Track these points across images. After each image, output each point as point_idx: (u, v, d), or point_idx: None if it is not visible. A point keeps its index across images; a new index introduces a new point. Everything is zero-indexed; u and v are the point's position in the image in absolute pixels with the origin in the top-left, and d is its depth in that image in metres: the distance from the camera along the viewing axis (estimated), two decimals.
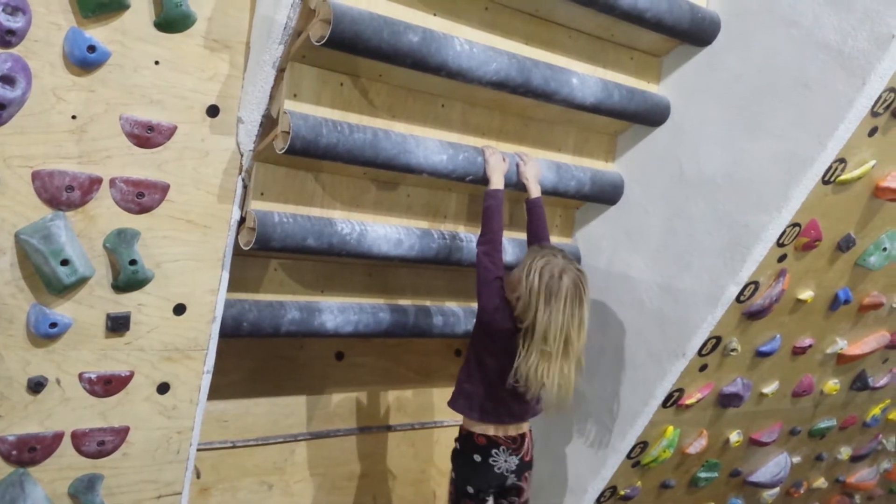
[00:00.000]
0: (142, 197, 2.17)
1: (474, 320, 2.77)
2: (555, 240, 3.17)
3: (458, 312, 3.02)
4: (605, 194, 3.08)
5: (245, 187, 2.37)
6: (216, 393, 2.58)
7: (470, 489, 2.64)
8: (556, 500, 3.31)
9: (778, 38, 2.67)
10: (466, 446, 2.64)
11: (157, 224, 2.22)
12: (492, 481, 2.64)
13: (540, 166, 2.84)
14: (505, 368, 2.49)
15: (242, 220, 2.39)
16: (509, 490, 2.67)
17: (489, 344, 2.57)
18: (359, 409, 3.20)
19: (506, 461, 2.61)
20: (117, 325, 2.22)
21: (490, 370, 2.57)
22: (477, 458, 2.62)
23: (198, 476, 2.80)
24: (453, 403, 2.67)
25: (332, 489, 3.17)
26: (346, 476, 3.20)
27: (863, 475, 4.31)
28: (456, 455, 2.70)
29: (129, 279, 2.19)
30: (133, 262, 2.18)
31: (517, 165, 2.79)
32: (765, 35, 2.71)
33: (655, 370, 2.99)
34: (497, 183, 2.65)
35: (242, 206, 2.38)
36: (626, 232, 3.09)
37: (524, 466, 2.65)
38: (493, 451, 2.60)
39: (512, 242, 2.94)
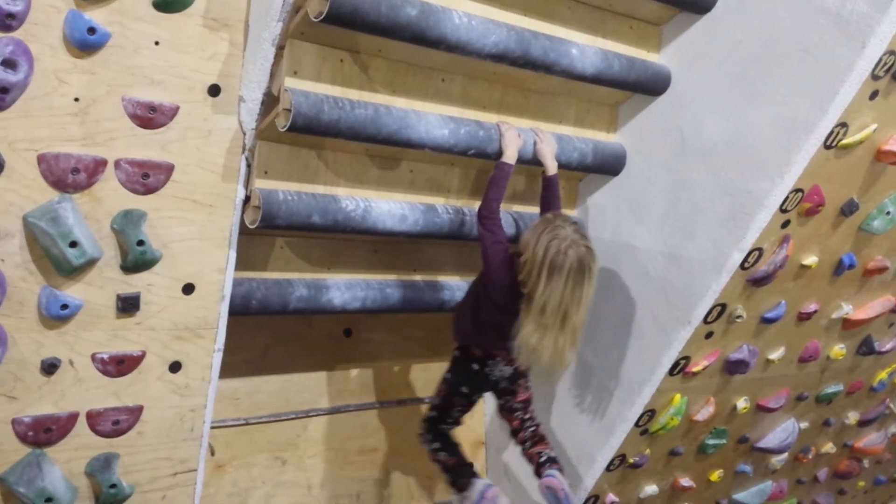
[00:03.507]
0: (147, 178, 2.19)
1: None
2: None
3: (464, 287, 3.03)
4: (608, 165, 3.09)
5: (249, 166, 2.38)
6: (228, 371, 2.61)
7: (464, 389, 2.86)
8: (566, 468, 3.33)
9: (777, 3, 2.66)
10: (465, 355, 2.84)
11: (163, 204, 2.24)
12: (485, 386, 2.87)
13: (555, 142, 2.86)
14: (498, 322, 2.60)
15: (247, 199, 2.41)
16: (502, 392, 2.87)
17: (490, 295, 2.67)
18: (369, 385, 3.23)
19: (500, 371, 2.81)
20: (127, 305, 2.25)
21: (485, 317, 2.71)
22: (475, 366, 2.82)
23: (212, 453, 2.84)
24: (454, 335, 2.87)
25: (345, 463, 3.21)
26: (358, 450, 3.23)
27: (871, 440, 4.33)
28: (455, 360, 2.88)
29: (137, 260, 2.21)
30: (141, 243, 2.20)
31: (534, 143, 2.81)
32: (764, 0, 2.70)
33: (661, 338, 3.00)
34: (509, 157, 2.68)
35: (247, 184, 2.40)
36: (629, 202, 3.09)
37: (518, 375, 2.83)
38: (490, 361, 2.80)
39: (515, 216, 2.96)
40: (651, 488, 3.58)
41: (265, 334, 2.93)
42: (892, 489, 4.77)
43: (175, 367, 2.38)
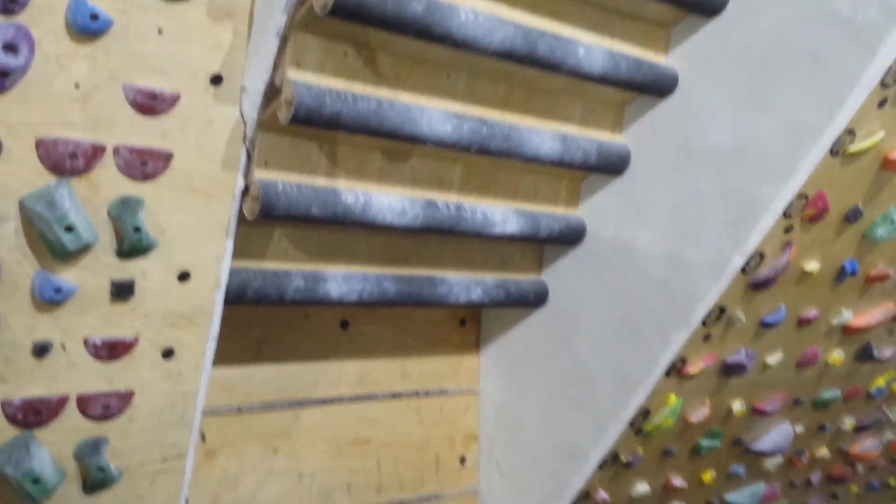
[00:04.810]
0: (145, 165, 2.18)
1: (478, 291, 2.72)
2: (560, 211, 3.18)
3: (463, 282, 3.03)
4: (612, 165, 3.07)
5: (249, 156, 2.37)
6: (221, 359, 2.60)
7: None
8: (558, 465, 3.34)
9: (788, 8, 2.63)
10: None
11: (161, 192, 2.22)
12: None
13: None
14: None
15: (246, 190, 2.40)
16: None
17: None
18: (364, 377, 3.23)
19: None
20: (122, 291, 2.24)
21: None
22: None
23: (203, 439, 2.84)
24: None
25: (337, 454, 3.21)
26: (351, 441, 3.24)
27: (866, 446, 4.32)
28: None
29: (133, 246, 2.21)
30: (137, 230, 2.19)
31: None
32: (774, 5, 2.67)
33: (659, 339, 2.99)
34: None
35: (246, 174, 2.38)
36: (632, 203, 3.08)
37: None
38: None
39: (516, 213, 2.95)
40: (643, 487, 3.58)
41: (261, 324, 2.93)
42: (885, 495, 4.77)
43: (168, 353, 2.37)
